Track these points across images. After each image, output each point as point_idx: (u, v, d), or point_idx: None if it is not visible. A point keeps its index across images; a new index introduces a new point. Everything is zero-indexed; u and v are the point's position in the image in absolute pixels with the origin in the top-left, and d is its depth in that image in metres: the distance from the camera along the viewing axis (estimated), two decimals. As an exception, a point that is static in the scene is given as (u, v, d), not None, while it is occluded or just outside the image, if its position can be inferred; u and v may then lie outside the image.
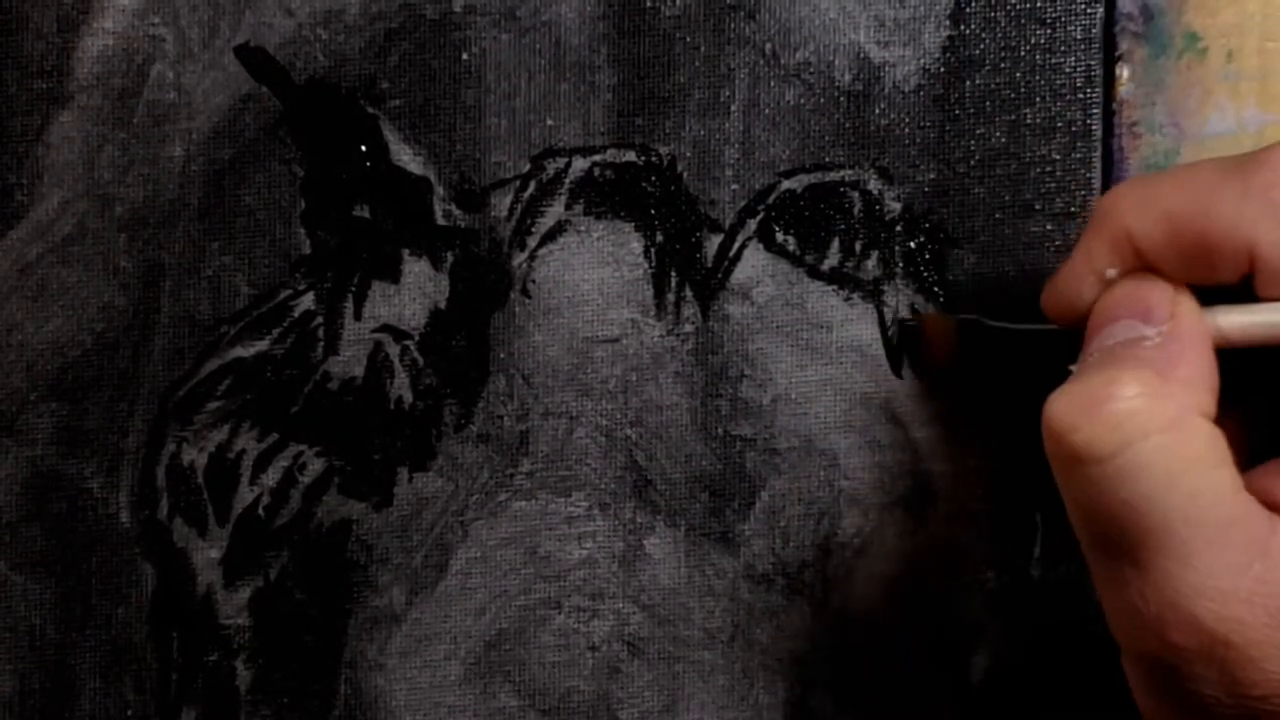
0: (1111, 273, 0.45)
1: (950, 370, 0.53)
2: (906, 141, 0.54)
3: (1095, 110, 0.54)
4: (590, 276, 0.53)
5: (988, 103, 0.54)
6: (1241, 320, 0.44)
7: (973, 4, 0.54)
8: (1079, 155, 0.54)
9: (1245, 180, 0.42)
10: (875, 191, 0.54)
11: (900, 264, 0.54)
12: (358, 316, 0.53)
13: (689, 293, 0.54)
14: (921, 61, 0.54)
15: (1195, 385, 0.42)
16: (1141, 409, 0.41)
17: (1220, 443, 0.42)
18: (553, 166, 0.53)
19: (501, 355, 0.53)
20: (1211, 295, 0.44)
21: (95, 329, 0.52)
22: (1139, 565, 0.41)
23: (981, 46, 0.54)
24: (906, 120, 0.54)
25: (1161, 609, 0.41)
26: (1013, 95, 0.54)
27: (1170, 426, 0.41)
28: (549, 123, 0.53)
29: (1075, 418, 0.42)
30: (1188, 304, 0.44)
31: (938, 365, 0.53)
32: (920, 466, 0.54)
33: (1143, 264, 0.44)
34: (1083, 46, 0.54)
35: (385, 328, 0.53)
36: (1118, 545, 0.42)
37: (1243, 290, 0.44)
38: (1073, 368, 0.45)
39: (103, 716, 0.53)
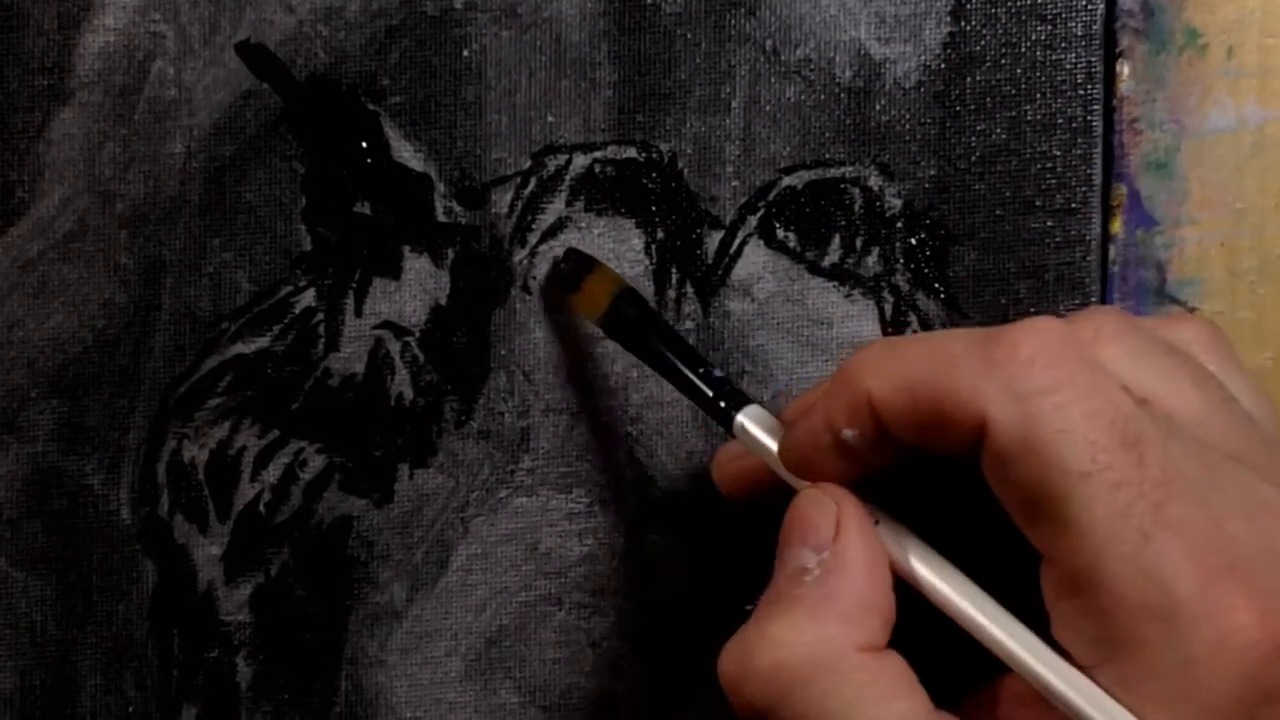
0: (849, 433, 0.43)
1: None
2: (907, 138, 0.54)
3: (1096, 106, 0.55)
4: (591, 273, 0.53)
5: (988, 99, 0.54)
6: (931, 576, 0.42)
7: (973, 0, 0.54)
8: (1079, 152, 0.54)
9: (986, 354, 0.40)
10: (876, 188, 0.54)
11: (901, 260, 0.54)
12: (358, 313, 0.53)
13: (690, 289, 0.54)
14: (922, 58, 0.54)
15: (856, 619, 0.41)
16: (790, 658, 0.40)
17: (892, 673, 0.41)
18: (553, 163, 0.53)
19: (502, 352, 0.53)
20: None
21: (96, 326, 0.52)
22: None
23: (982, 43, 0.54)
24: (907, 117, 0.54)
25: None
26: (1013, 92, 0.54)
27: (825, 671, 0.40)
28: (550, 119, 0.53)
29: (736, 670, 0.41)
30: (852, 521, 0.43)
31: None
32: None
33: (880, 427, 0.42)
34: (1083, 43, 0.54)
35: (386, 324, 0.53)
36: None
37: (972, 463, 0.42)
38: (750, 607, 0.43)
39: (104, 713, 0.53)
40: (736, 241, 0.54)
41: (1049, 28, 0.54)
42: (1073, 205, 0.55)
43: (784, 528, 0.44)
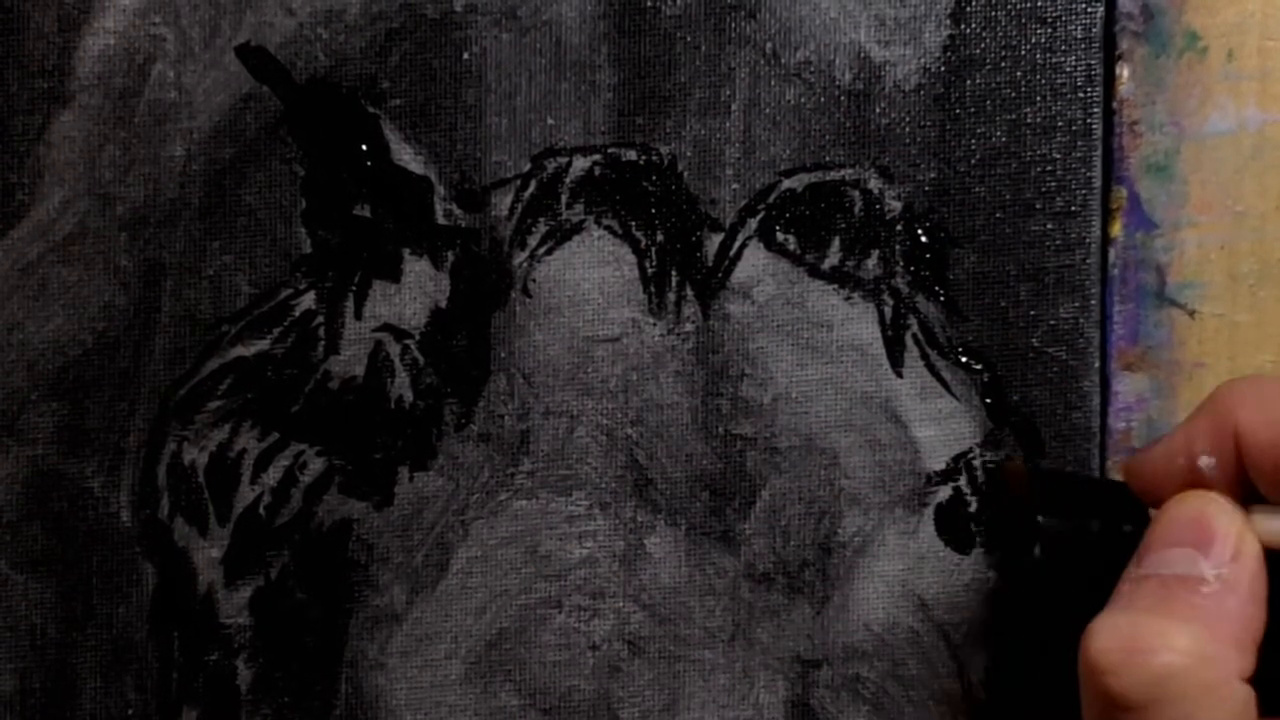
0: (1206, 461, 0.44)
1: (1034, 510, 0.52)
2: (907, 140, 0.54)
3: (1096, 109, 0.55)
4: (591, 276, 0.53)
5: (988, 102, 0.54)
6: None
7: (973, 3, 0.54)
8: (1079, 154, 0.54)
9: None
10: (876, 190, 0.54)
11: (901, 263, 0.54)
12: (358, 316, 0.53)
13: (689, 292, 0.54)
14: (922, 60, 0.54)
15: (1243, 646, 0.41)
16: (1187, 668, 0.40)
17: (1251, 708, 0.41)
18: (553, 166, 0.53)
19: (502, 354, 0.53)
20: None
21: (96, 328, 0.52)
22: None
23: (982, 45, 0.54)
24: (907, 119, 0.54)
25: None
26: (1013, 94, 0.54)
27: (1209, 691, 0.40)
28: (549, 122, 0.53)
29: (1116, 660, 0.41)
30: (1251, 545, 0.43)
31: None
32: (920, 466, 0.54)
33: (1239, 462, 0.43)
34: (1083, 45, 0.54)
35: (386, 327, 0.53)
36: None
37: None
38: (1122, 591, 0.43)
39: (103, 716, 0.53)
40: (736, 244, 0.54)
41: (1049, 30, 0.54)
42: (1073, 208, 0.55)
43: (1174, 524, 0.44)
